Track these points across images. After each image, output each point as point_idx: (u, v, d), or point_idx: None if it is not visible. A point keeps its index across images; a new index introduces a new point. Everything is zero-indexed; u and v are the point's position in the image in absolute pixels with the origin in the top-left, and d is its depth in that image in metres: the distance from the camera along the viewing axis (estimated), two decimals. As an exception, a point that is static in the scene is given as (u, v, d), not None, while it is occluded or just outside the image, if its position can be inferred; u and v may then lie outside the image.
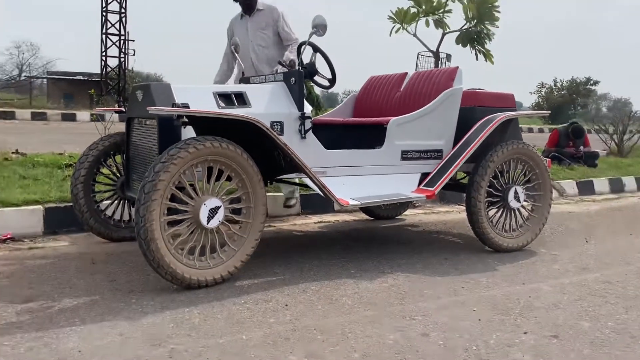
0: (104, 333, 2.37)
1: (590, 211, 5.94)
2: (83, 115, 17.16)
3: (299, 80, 3.49)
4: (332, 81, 3.97)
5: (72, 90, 29.32)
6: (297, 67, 3.70)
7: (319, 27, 3.43)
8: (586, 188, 7.32)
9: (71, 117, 17.06)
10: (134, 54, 27.27)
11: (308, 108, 3.53)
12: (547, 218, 4.21)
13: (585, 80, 35.11)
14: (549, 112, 5.72)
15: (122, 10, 25.13)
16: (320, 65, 3.93)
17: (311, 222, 4.91)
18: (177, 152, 2.81)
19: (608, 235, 4.71)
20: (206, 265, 2.99)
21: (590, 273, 3.50)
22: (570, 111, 32.72)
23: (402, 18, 9.13)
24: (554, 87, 35.66)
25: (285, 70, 3.73)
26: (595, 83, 35.35)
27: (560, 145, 8.74)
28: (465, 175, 4.55)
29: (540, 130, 22.90)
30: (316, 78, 3.90)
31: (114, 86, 25.78)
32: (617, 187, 7.62)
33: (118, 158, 3.91)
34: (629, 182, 7.83)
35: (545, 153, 8.64)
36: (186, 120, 3.17)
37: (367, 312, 2.69)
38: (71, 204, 3.91)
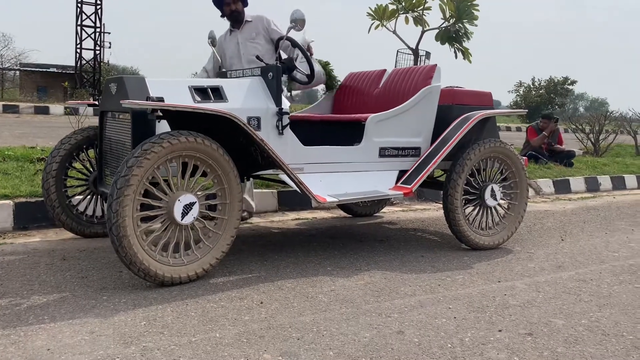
0: (74, 331, 2.33)
1: (566, 210, 6.02)
2: (56, 108, 16.91)
3: (277, 75, 3.46)
4: (311, 77, 3.96)
5: (45, 82, 28.92)
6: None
7: (298, 22, 3.42)
8: (562, 187, 7.42)
9: (44, 110, 16.80)
10: (109, 47, 27.03)
11: (286, 104, 3.51)
12: (523, 216, 4.26)
13: (563, 80, 35.54)
14: (527, 110, 5.77)
15: (98, 2, 24.81)
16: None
17: (288, 219, 4.90)
18: (151, 146, 2.77)
19: (583, 233, 4.78)
20: (180, 262, 2.96)
21: (565, 271, 3.55)
22: (548, 110, 33.12)
23: (381, 15, 9.13)
24: (532, 86, 36.04)
25: (263, 64, 3.70)
26: (573, 83, 35.81)
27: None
28: (442, 173, 4.58)
29: (518, 129, 23.19)
30: (294, 74, 3.89)
31: (89, 79, 25.45)
32: (593, 186, 7.75)
33: (91, 152, 3.86)
34: (605, 181, 7.97)
35: (523, 151, 8.76)
36: (161, 114, 3.13)
37: (343, 310, 2.69)
38: (42, 198, 3.84)
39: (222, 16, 4.42)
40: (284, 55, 3.94)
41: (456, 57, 9.16)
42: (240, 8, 4.36)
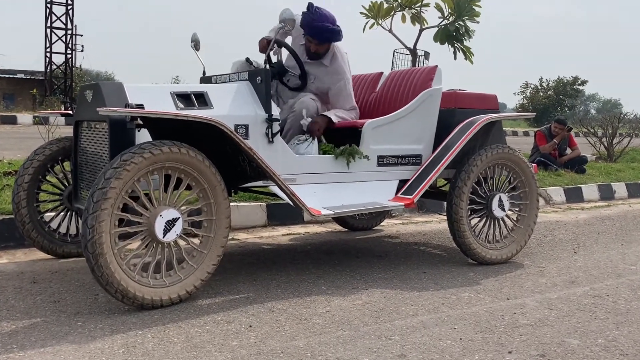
0: (46, 360, 2.32)
1: (578, 220, 6.06)
2: (25, 117, 16.85)
3: (266, 79, 3.48)
4: (304, 80, 3.98)
5: (12, 90, 28.83)
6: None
7: (287, 22, 3.43)
8: (574, 195, 7.46)
9: (11, 120, 16.74)
10: (82, 50, 27.03)
11: (276, 110, 3.52)
12: (534, 229, 4.28)
13: (573, 80, 35.83)
14: (535, 114, 5.82)
15: (69, 2, 24.83)
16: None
17: (279, 235, 4.89)
18: (131, 157, 2.77)
19: (598, 245, 4.80)
20: (162, 284, 2.95)
21: (578, 287, 3.57)
22: (557, 113, 33.37)
23: (376, 12, 9.19)
24: (539, 87, 36.31)
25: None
26: (583, 83, 36.12)
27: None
28: (445, 182, 4.59)
29: (525, 134, 23.31)
30: (285, 78, 3.91)
31: (60, 85, 25.41)
32: (607, 194, 7.79)
33: (67, 165, 3.84)
34: (620, 188, 8.02)
35: (532, 157, 8.81)
36: (141, 122, 3.13)
37: (339, 333, 2.69)
38: (9, 216, 3.83)
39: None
40: (274, 59, 3.96)
41: (455, 57, 9.21)
42: (321, 50, 4.05)
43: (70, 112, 3.78)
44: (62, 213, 3.88)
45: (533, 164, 4.35)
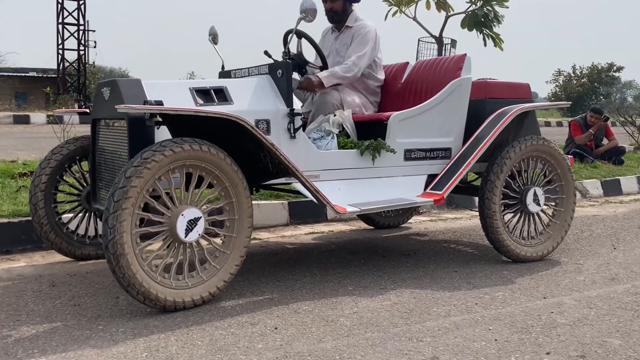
0: (68, 365, 2.36)
1: (617, 214, 5.99)
2: (38, 117, 17.10)
3: (287, 72, 3.49)
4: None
5: (24, 88, 29.28)
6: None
7: (308, 12, 3.44)
8: (612, 188, 7.38)
9: (24, 120, 16.98)
10: (95, 46, 27.29)
11: (297, 104, 3.53)
12: (570, 224, 4.23)
13: (608, 67, 35.40)
14: (570, 103, 5.76)
15: (81, -4, 25.08)
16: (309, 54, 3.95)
17: (302, 234, 4.91)
18: (152, 155, 2.80)
19: (638, 241, 4.74)
20: (184, 285, 2.98)
21: (619, 284, 3.53)
22: (592, 101, 32.97)
23: (399, 0, 9.17)
24: (572, 74, 35.92)
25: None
26: (619, 69, 35.70)
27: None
28: (476, 176, 4.57)
29: (559, 124, 23.04)
30: (306, 70, 3.92)
31: (73, 83, 25.71)
32: (646, 186, 7.68)
33: (85, 165, 3.88)
34: (660, 180, 7.90)
35: (566, 149, 8.72)
36: (160, 119, 3.17)
37: (368, 334, 2.70)
38: (26, 218, 3.88)
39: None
40: (293, 50, 3.97)
41: (485, 44, 9.15)
42: (338, 7, 4.28)
43: (87, 111, 3.83)
44: (80, 214, 3.93)
45: (569, 156, 4.30)
